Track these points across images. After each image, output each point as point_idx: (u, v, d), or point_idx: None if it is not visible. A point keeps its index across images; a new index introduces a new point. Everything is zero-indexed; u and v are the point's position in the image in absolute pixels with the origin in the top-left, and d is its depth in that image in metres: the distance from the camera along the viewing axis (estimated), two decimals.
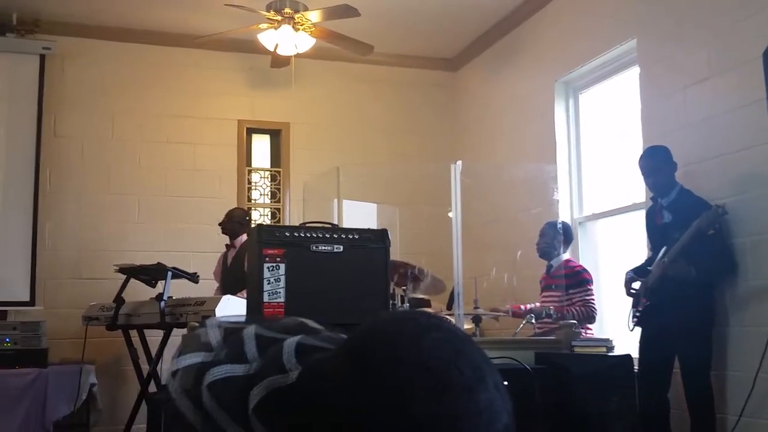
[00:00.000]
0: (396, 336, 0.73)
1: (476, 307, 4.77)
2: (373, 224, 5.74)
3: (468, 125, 7.01)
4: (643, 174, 4.10)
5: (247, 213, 5.87)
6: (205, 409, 0.87)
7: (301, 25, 5.46)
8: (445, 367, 0.70)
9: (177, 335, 4.69)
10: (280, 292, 3.19)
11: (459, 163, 4.42)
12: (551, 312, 4.61)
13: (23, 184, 5.93)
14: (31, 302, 5.83)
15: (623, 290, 4.09)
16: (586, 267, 4.98)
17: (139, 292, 5.13)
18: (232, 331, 0.93)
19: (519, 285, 4.94)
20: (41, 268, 5.93)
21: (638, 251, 4.55)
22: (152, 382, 5.00)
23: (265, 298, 3.16)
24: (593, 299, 4.74)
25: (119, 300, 4.94)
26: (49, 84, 6.13)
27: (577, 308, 4.67)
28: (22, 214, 5.90)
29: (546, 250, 4.95)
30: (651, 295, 3.89)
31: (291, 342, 0.86)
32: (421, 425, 0.67)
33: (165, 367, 5.01)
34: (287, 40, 5.45)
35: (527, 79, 6.06)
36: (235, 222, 5.51)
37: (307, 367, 0.81)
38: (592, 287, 4.80)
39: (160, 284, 4.96)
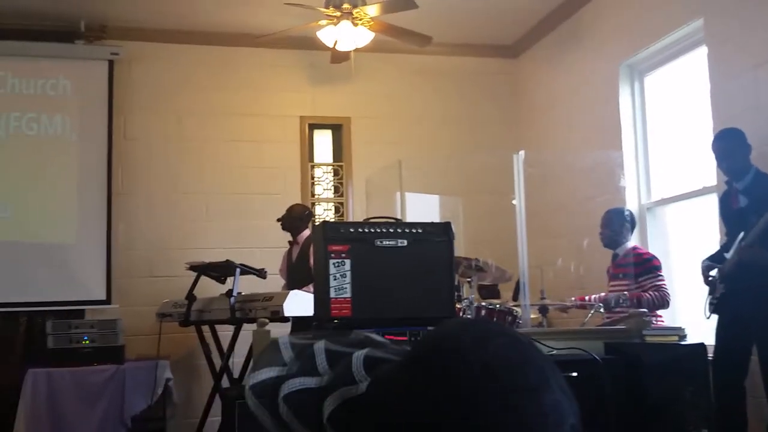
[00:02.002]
0: (460, 342, 0.75)
1: (542, 297, 4.73)
2: (436, 216, 5.73)
3: (530, 113, 6.92)
4: (716, 157, 3.98)
5: (307, 208, 5.85)
6: (282, 418, 0.93)
7: (360, 20, 5.47)
8: (510, 371, 0.72)
9: (247, 330, 4.79)
10: (346, 288, 3.22)
11: (522, 152, 4.37)
12: (625, 298, 4.51)
13: (97, 186, 6.13)
14: (107, 301, 6.04)
15: (699, 278, 4.00)
16: (655, 253, 4.87)
17: (209, 288, 5.26)
18: (302, 347, 0.98)
19: (586, 274, 4.87)
20: (116, 268, 6.12)
21: (710, 236, 4.43)
22: (225, 376, 5.12)
23: (332, 294, 3.20)
24: (665, 284, 4.63)
25: (191, 297, 5.07)
26: (117, 88, 6.31)
27: (651, 293, 4.56)
28: (96, 215, 6.10)
29: (613, 239, 4.84)
30: (727, 281, 3.79)
31: (359, 355, 0.90)
32: (489, 430, 0.69)
33: (236, 361, 5.13)
34: (346, 35, 5.47)
35: (590, 63, 5.94)
36: (295, 218, 5.55)
37: (375, 378, 0.85)
38: (662, 273, 4.69)
39: (229, 280, 5.08)
